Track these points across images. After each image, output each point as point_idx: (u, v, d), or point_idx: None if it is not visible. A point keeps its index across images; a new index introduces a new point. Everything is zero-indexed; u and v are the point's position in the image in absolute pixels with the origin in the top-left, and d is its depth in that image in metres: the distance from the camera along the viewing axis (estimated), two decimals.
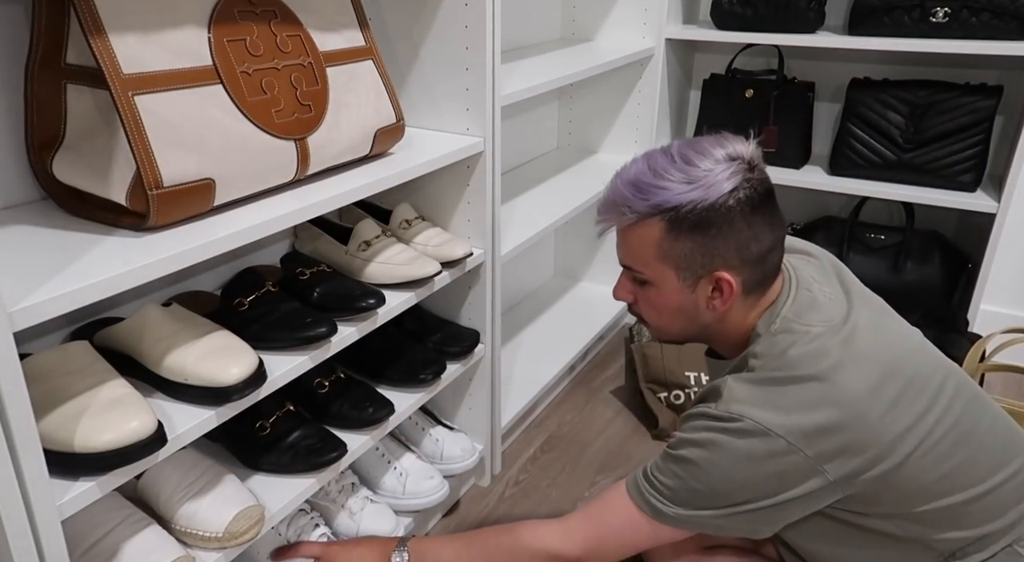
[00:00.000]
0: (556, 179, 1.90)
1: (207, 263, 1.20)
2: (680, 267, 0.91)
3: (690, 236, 0.89)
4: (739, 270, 0.90)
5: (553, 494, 1.56)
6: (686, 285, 0.92)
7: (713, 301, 0.93)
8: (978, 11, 1.64)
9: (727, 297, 0.91)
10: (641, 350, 1.81)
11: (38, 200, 0.95)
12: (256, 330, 1.01)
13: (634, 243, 0.93)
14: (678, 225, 0.88)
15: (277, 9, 0.99)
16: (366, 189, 1.06)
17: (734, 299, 0.92)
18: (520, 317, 2.07)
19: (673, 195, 0.88)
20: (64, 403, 0.79)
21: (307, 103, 1.00)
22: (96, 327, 1.02)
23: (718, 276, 0.90)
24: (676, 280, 0.92)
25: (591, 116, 2.12)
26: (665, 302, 0.95)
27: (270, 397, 1.11)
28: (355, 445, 1.15)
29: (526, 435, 1.75)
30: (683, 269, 0.91)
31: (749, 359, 0.91)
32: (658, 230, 0.90)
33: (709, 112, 2.06)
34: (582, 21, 2.05)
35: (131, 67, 0.81)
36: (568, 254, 2.30)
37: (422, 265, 1.20)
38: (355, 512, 1.26)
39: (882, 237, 1.92)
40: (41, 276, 0.73)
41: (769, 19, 1.84)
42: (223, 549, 0.95)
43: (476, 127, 1.30)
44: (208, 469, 1.01)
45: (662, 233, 0.89)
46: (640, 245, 0.92)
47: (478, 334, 1.43)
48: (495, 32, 1.24)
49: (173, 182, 0.83)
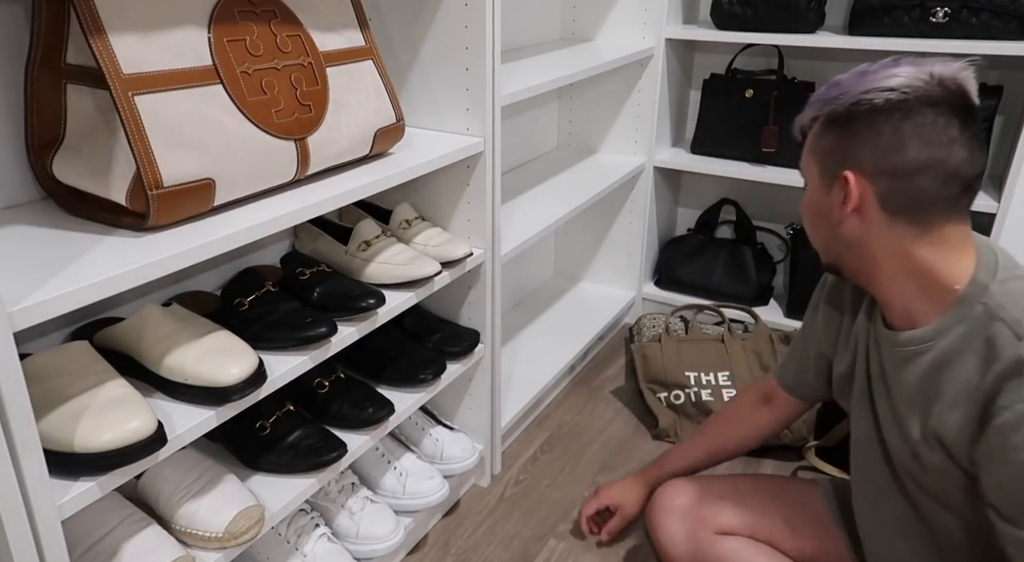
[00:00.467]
0: (556, 179, 1.90)
1: (207, 263, 1.20)
2: (822, 163, 0.88)
3: (832, 130, 0.86)
4: (873, 179, 0.83)
5: (553, 494, 1.56)
6: (824, 184, 0.89)
7: (844, 207, 0.86)
8: (978, 11, 1.63)
9: (854, 203, 0.84)
10: (641, 350, 1.81)
11: (38, 200, 0.95)
12: (256, 330, 1.01)
13: (806, 141, 0.92)
14: (827, 118, 0.87)
15: (277, 9, 0.99)
16: (366, 189, 1.06)
17: (872, 217, 0.85)
18: (520, 317, 2.07)
19: (835, 88, 0.86)
20: (64, 403, 0.79)
21: (307, 103, 1.00)
22: (96, 327, 1.02)
23: (844, 174, 0.85)
24: (818, 177, 0.89)
25: (591, 116, 2.12)
26: (809, 204, 0.92)
27: (270, 397, 1.11)
28: (355, 445, 1.15)
29: (526, 435, 1.75)
30: (824, 166, 0.88)
31: (995, 321, 0.80)
32: (817, 125, 0.89)
33: (709, 112, 2.06)
34: (582, 21, 2.05)
35: (131, 67, 0.81)
36: (568, 254, 2.30)
37: (422, 265, 1.20)
38: (355, 512, 1.26)
39: None
40: (41, 276, 0.73)
41: (769, 19, 1.84)
42: (223, 549, 0.95)
43: (476, 127, 1.30)
44: (208, 469, 1.01)
45: (819, 127, 0.88)
46: (806, 143, 0.91)
47: (478, 334, 1.43)
48: (495, 32, 1.24)
49: (173, 182, 0.83)
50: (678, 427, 1.73)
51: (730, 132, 2.02)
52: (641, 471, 1.34)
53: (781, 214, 2.22)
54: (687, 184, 2.34)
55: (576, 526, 1.47)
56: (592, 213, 2.19)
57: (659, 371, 1.77)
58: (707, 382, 1.74)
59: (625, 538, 1.44)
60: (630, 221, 2.14)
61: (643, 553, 1.41)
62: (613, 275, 2.24)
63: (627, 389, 1.93)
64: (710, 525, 1.12)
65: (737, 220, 2.21)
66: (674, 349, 1.78)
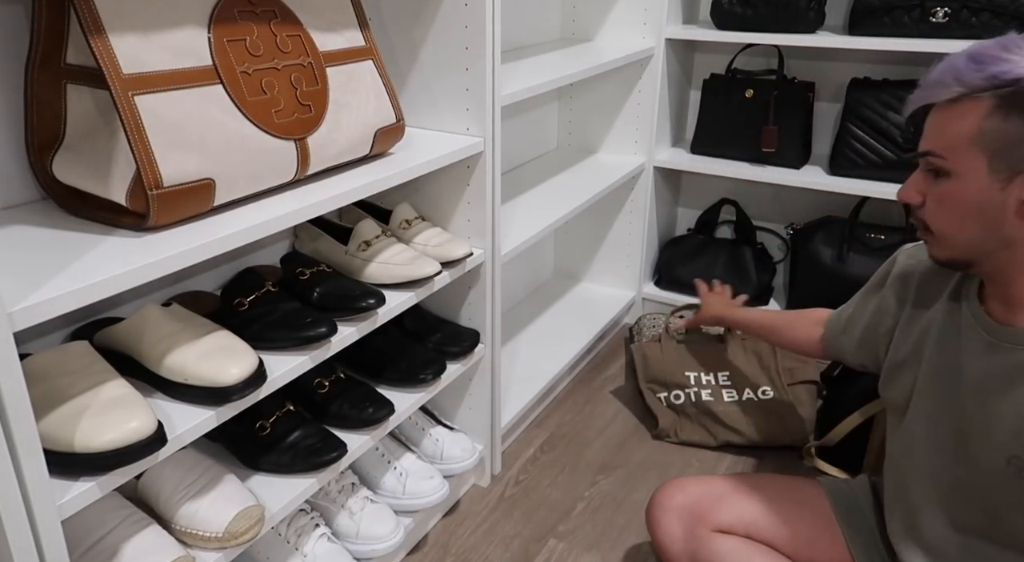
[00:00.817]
0: (556, 179, 1.90)
1: (207, 263, 1.20)
2: (996, 156, 0.77)
3: (1018, 116, 0.75)
4: None
5: (553, 494, 1.56)
6: (996, 180, 0.78)
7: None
8: (978, 11, 1.63)
9: None
10: (641, 350, 1.80)
11: (38, 200, 0.95)
12: (256, 330, 1.01)
13: (947, 123, 0.80)
14: (1011, 103, 0.75)
15: (277, 9, 0.99)
16: (366, 189, 1.06)
17: None
18: (520, 317, 2.07)
19: (1017, 67, 0.75)
20: (64, 403, 0.79)
21: (307, 103, 1.00)
22: (96, 327, 1.02)
23: None
24: (985, 171, 0.78)
25: (591, 116, 2.12)
26: (962, 199, 0.81)
27: (270, 397, 1.11)
28: (355, 445, 1.15)
29: (526, 435, 1.75)
30: (999, 159, 0.77)
31: None
32: (983, 108, 0.77)
33: (709, 112, 2.06)
34: (582, 21, 2.05)
35: (131, 67, 0.81)
36: (568, 254, 2.30)
37: (422, 265, 1.20)
38: (355, 512, 1.26)
39: (882, 237, 1.92)
40: (41, 276, 0.73)
41: (769, 19, 1.84)
42: (223, 549, 0.95)
43: (476, 127, 1.30)
44: (208, 469, 1.01)
45: (987, 112, 0.77)
46: (954, 126, 0.80)
47: (478, 334, 1.43)
48: (495, 32, 1.24)
49: (173, 182, 0.83)
50: (678, 427, 1.73)
51: (730, 132, 2.02)
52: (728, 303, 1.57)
53: (781, 214, 2.22)
54: (687, 184, 2.34)
55: (576, 526, 1.47)
56: (592, 213, 2.19)
57: (659, 371, 1.77)
58: (707, 382, 1.74)
59: (625, 538, 1.44)
60: (630, 221, 2.14)
61: (643, 552, 1.41)
62: (613, 275, 2.24)
63: (627, 389, 1.93)
64: (708, 524, 1.12)
65: (737, 220, 2.21)
66: (674, 349, 1.78)
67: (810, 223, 2.04)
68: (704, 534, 1.11)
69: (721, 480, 1.18)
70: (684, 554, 1.12)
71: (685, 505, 1.14)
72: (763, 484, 1.17)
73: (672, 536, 1.13)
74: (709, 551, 1.10)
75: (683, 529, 1.13)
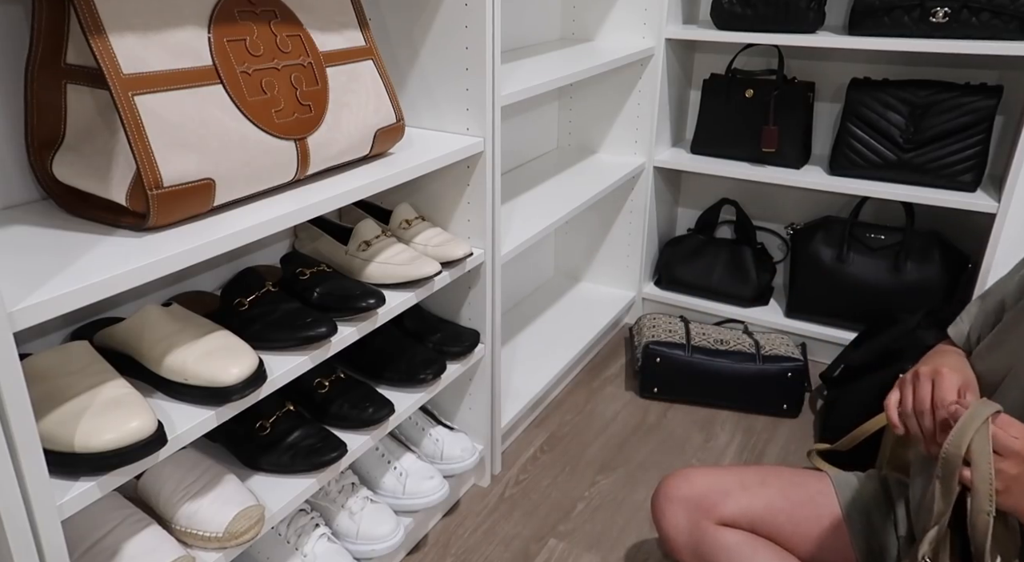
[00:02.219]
0: (556, 179, 1.90)
1: (207, 263, 1.20)
2: None
3: None
4: None
5: (553, 494, 1.56)
6: None
7: None
8: (978, 11, 1.63)
9: None
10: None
11: (38, 200, 0.95)
12: (256, 330, 1.01)
13: None
14: None
15: (277, 9, 0.99)
16: (366, 189, 1.06)
17: None
18: (520, 317, 2.07)
19: None
20: (64, 403, 0.79)
21: (307, 103, 1.00)
22: (96, 327, 1.02)
23: None
24: None
25: (591, 116, 2.12)
26: None
27: (270, 397, 1.11)
28: (355, 445, 1.15)
29: (526, 435, 1.75)
30: None
31: None
32: None
33: (709, 112, 2.06)
34: (582, 21, 2.05)
35: (131, 67, 0.81)
36: (568, 254, 2.30)
37: (422, 265, 1.20)
38: (355, 512, 1.26)
39: (882, 237, 1.92)
40: (41, 276, 0.73)
41: (769, 19, 1.84)
42: (223, 549, 0.95)
43: (476, 127, 1.30)
44: (208, 469, 1.01)
45: None
46: None
47: (478, 334, 1.43)
48: (495, 32, 1.24)
49: (173, 182, 0.83)
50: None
51: (730, 132, 2.02)
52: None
53: (781, 214, 2.23)
54: (687, 184, 2.34)
55: (576, 526, 1.47)
56: (592, 213, 2.19)
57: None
58: None
59: (625, 538, 1.44)
60: (630, 221, 2.14)
61: (644, 552, 1.41)
62: (613, 275, 2.24)
63: (627, 389, 1.93)
64: (713, 516, 1.12)
65: (737, 220, 2.21)
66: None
67: (810, 223, 2.04)
68: (708, 527, 1.11)
69: (727, 472, 1.18)
70: (688, 546, 1.12)
71: (691, 497, 1.14)
72: (770, 478, 1.17)
73: (677, 527, 1.13)
74: (713, 544, 1.10)
75: (688, 521, 1.13)
